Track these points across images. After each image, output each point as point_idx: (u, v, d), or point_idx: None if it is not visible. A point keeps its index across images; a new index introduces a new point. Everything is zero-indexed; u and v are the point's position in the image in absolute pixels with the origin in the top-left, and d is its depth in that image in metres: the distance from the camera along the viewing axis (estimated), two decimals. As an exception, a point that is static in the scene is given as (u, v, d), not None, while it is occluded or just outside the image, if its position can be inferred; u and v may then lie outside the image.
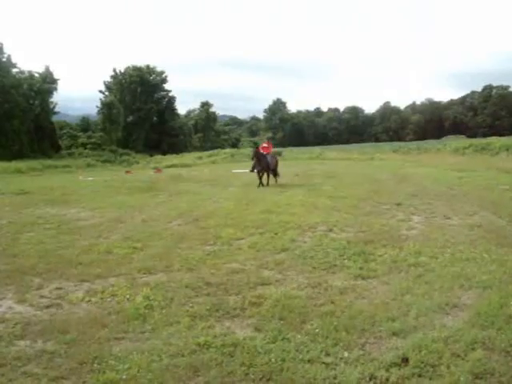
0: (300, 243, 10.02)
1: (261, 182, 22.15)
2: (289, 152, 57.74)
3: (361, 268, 8.06)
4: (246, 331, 5.66)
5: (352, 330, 5.53)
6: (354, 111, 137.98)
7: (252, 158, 22.82)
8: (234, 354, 5.03)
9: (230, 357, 4.97)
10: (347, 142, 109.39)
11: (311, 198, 17.09)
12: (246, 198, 17.54)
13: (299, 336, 5.42)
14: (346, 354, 4.98)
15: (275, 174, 23.09)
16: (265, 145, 24.09)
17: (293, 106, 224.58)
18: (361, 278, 7.59)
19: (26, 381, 4.58)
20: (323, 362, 4.83)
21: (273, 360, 4.86)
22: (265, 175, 22.68)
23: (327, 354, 4.99)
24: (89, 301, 6.79)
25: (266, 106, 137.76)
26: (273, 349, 5.11)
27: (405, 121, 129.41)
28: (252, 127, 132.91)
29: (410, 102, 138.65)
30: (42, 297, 6.99)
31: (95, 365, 4.83)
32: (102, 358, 4.97)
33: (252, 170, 22.88)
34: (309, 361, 4.86)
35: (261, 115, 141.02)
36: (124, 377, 4.57)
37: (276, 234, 10.85)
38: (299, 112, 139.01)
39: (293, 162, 43.90)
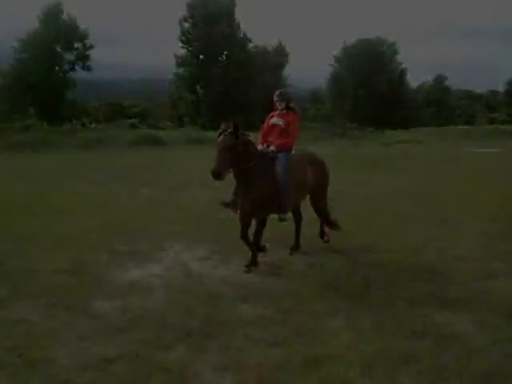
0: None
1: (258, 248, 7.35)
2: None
3: None
4: (466, 325, 5.24)
5: None
6: None
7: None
8: (450, 347, 4.70)
9: (445, 350, 4.66)
10: None
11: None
12: (477, 179, 16.26)
13: (527, 339, 4.86)
14: None
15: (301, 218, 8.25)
16: (274, 120, 7.43)
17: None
18: None
19: (246, 343, 4.83)
20: (554, 372, 4.26)
21: (495, 361, 4.43)
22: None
23: (560, 364, 4.37)
24: (307, 274, 6.93)
25: (507, 78, 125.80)
26: (495, 349, 4.67)
27: None
28: (490, 101, 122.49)
29: None
30: (265, 265, 7.33)
31: (308, 338, 4.92)
32: (316, 331, 5.05)
33: (226, 205, 7.39)
34: (536, 368, 4.32)
35: (501, 88, 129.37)
36: (333, 353, 4.57)
37: (512, 223, 9.84)
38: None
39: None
